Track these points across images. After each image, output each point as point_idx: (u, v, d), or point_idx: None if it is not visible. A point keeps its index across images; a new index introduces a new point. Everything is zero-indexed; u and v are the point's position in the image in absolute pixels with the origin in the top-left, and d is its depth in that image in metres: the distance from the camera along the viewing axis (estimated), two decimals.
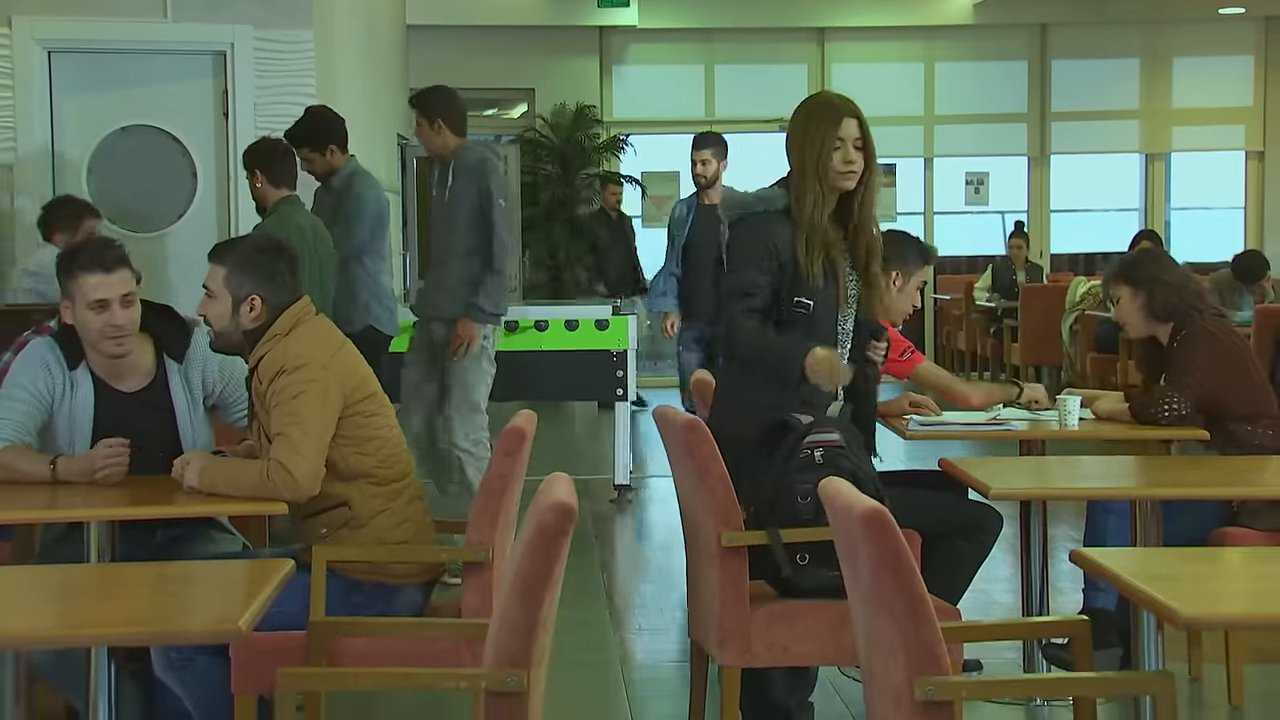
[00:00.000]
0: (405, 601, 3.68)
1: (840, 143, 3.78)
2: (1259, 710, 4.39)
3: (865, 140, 3.79)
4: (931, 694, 2.41)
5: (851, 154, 3.77)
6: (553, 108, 13.82)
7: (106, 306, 3.77)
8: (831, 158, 3.78)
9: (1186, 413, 4.51)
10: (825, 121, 3.80)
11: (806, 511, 3.62)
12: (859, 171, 3.79)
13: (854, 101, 3.86)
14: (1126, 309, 4.72)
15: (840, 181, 3.79)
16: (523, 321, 7.96)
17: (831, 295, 3.84)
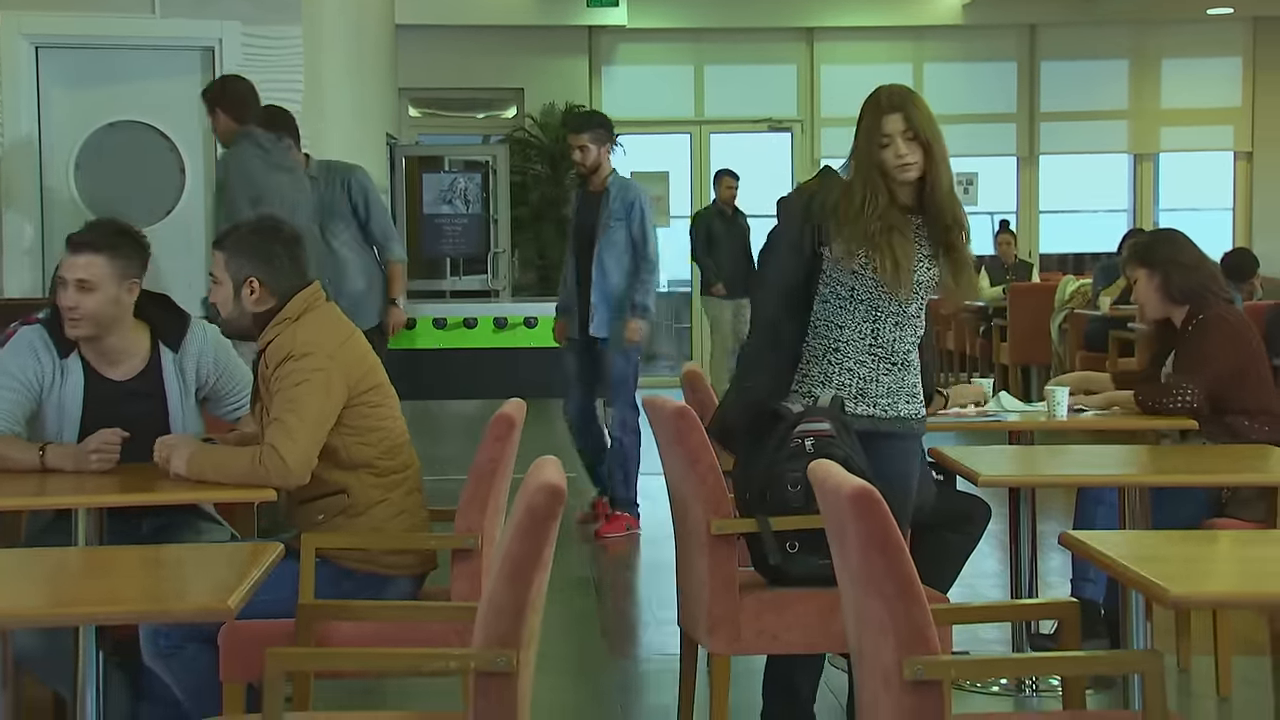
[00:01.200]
0: (397, 592, 3.68)
1: (887, 139, 3.76)
2: (1246, 700, 4.40)
3: (917, 130, 3.74)
4: (920, 673, 2.41)
5: (902, 148, 3.74)
6: (542, 107, 13.81)
7: (64, 285, 3.77)
8: (883, 155, 3.76)
9: (1198, 404, 4.48)
10: (870, 119, 3.78)
11: (797, 500, 3.62)
12: (914, 163, 3.75)
13: (908, 94, 3.79)
14: (1143, 290, 4.70)
15: (899, 175, 3.75)
16: (512, 319, 7.97)
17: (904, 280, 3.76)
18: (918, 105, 3.76)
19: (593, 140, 7.16)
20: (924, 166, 3.74)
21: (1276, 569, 2.69)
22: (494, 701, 2.56)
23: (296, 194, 6.00)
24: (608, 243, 6.90)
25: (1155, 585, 2.40)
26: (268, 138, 5.90)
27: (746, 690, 4.52)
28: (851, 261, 3.74)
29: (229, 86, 6.11)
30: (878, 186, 3.74)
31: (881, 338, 3.80)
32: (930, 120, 3.76)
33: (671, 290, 15.36)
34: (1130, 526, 3.95)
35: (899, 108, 3.73)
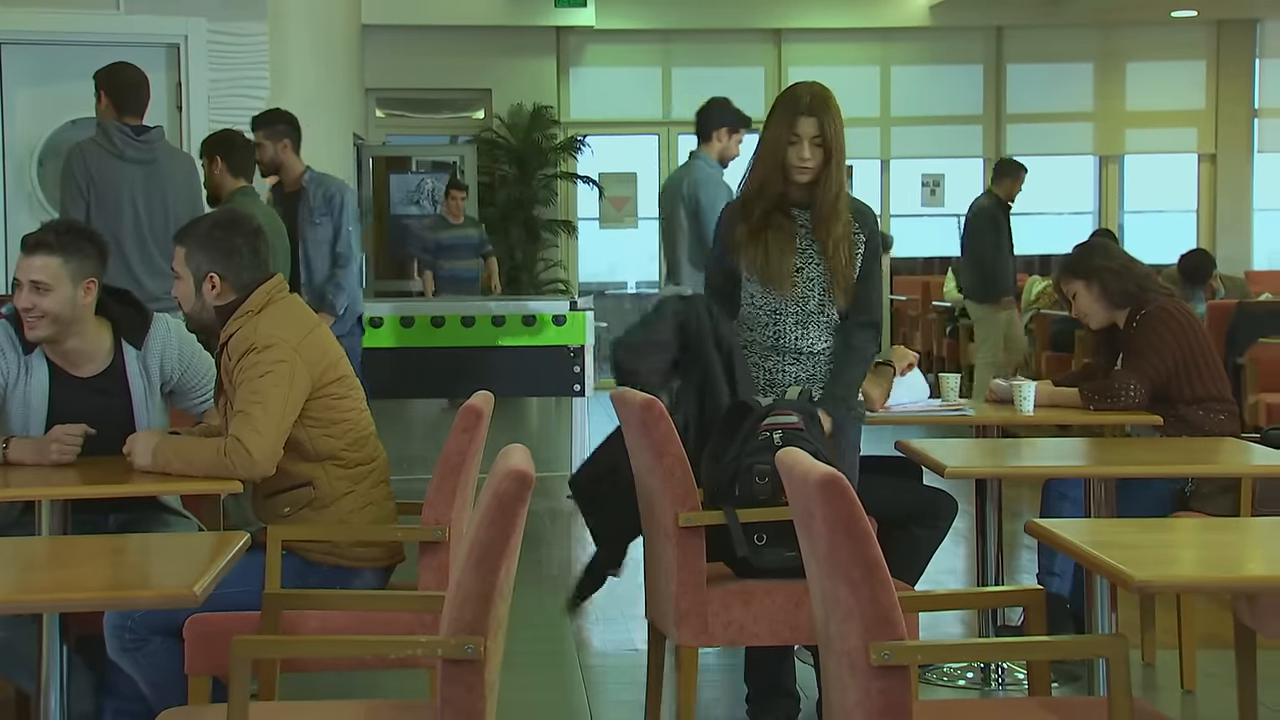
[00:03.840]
0: (363, 585, 3.66)
1: (796, 139, 3.84)
2: (1210, 694, 4.42)
3: (826, 139, 3.83)
4: (887, 658, 2.42)
5: (806, 152, 3.84)
6: (510, 108, 13.79)
7: (20, 286, 3.75)
8: (788, 151, 3.82)
9: (1142, 399, 4.54)
10: (786, 115, 3.89)
11: (764, 492, 3.63)
12: (812, 168, 3.87)
13: (827, 100, 3.90)
14: (1084, 302, 4.75)
15: (794, 175, 3.89)
16: (480, 318, 7.95)
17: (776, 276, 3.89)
18: (833, 113, 3.88)
19: (266, 137, 6.52)
20: (819, 171, 3.80)
21: (1241, 554, 2.71)
22: (461, 689, 2.55)
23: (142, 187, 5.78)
24: (314, 241, 6.57)
25: (1120, 570, 2.41)
26: (121, 129, 5.74)
27: (714, 683, 4.53)
28: (740, 257, 3.90)
29: (116, 73, 5.93)
30: (773, 181, 3.85)
31: (784, 337, 3.96)
32: (841, 130, 3.88)
33: (640, 291, 15.38)
34: (1095, 517, 3.97)
35: (816, 114, 3.85)
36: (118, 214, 5.63)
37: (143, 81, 5.80)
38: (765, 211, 3.90)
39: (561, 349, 7.95)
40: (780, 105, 3.92)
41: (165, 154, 5.85)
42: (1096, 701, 2.71)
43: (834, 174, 3.88)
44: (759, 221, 3.90)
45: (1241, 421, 4.82)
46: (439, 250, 11.36)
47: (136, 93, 5.77)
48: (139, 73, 5.82)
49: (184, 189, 5.82)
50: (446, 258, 11.35)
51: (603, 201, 14.22)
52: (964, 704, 3.05)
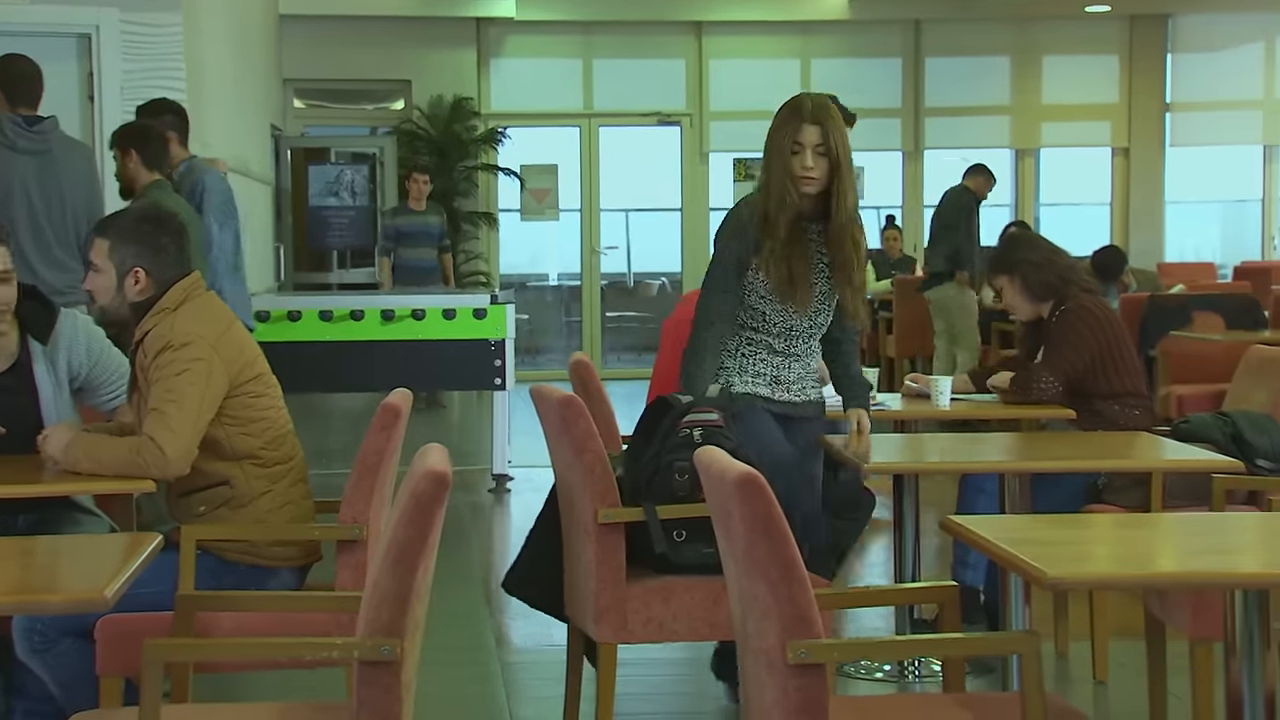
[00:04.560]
0: (280, 585, 3.63)
1: (799, 147, 3.82)
2: (1122, 684, 4.49)
3: (830, 147, 3.81)
4: (804, 656, 2.43)
5: (809, 160, 3.80)
6: (430, 99, 13.71)
7: None
8: (791, 161, 3.81)
9: (1056, 393, 4.60)
10: (788, 124, 3.86)
11: (683, 489, 3.64)
12: (817, 178, 3.83)
13: (830, 108, 3.87)
14: (1010, 296, 4.82)
15: (800, 185, 3.83)
16: (400, 311, 7.91)
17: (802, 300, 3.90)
18: (836, 122, 3.84)
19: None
20: (827, 183, 3.80)
21: (1151, 550, 2.75)
22: (378, 691, 2.54)
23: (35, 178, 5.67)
24: None
25: (1033, 567, 2.44)
26: (13, 120, 5.65)
27: (634, 677, 4.53)
28: (760, 272, 3.87)
29: (7, 64, 5.80)
30: (787, 194, 3.80)
31: (795, 346, 3.98)
32: (845, 139, 3.84)
33: (561, 283, 15.36)
34: (1010, 513, 4.02)
35: (819, 121, 3.81)
36: (9, 205, 5.54)
37: (35, 73, 5.72)
38: (789, 230, 3.83)
39: (482, 343, 7.92)
40: (782, 114, 3.88)
41: (61, 145, 5.76)
42: (1010, 697, 2.74)
43: (845, 186, 3.84)
44: (785, 240, 3.83)
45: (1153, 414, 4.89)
46: (398, 237, 10.98)
47: (29, 84, 5.69)
48: (31, 64, 5.74)
49: (83, 180, 5.74)
50: (406, 245, 10.95)
51: (524, 193, 14.18)
52: (880, 700, 3.08)
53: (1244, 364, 4.78)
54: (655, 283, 15.23)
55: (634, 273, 15.24)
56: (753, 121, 15.03)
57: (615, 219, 14.98)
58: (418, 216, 11.01)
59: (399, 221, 11.04)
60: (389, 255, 10.98)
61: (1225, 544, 2.75)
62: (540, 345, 15.14)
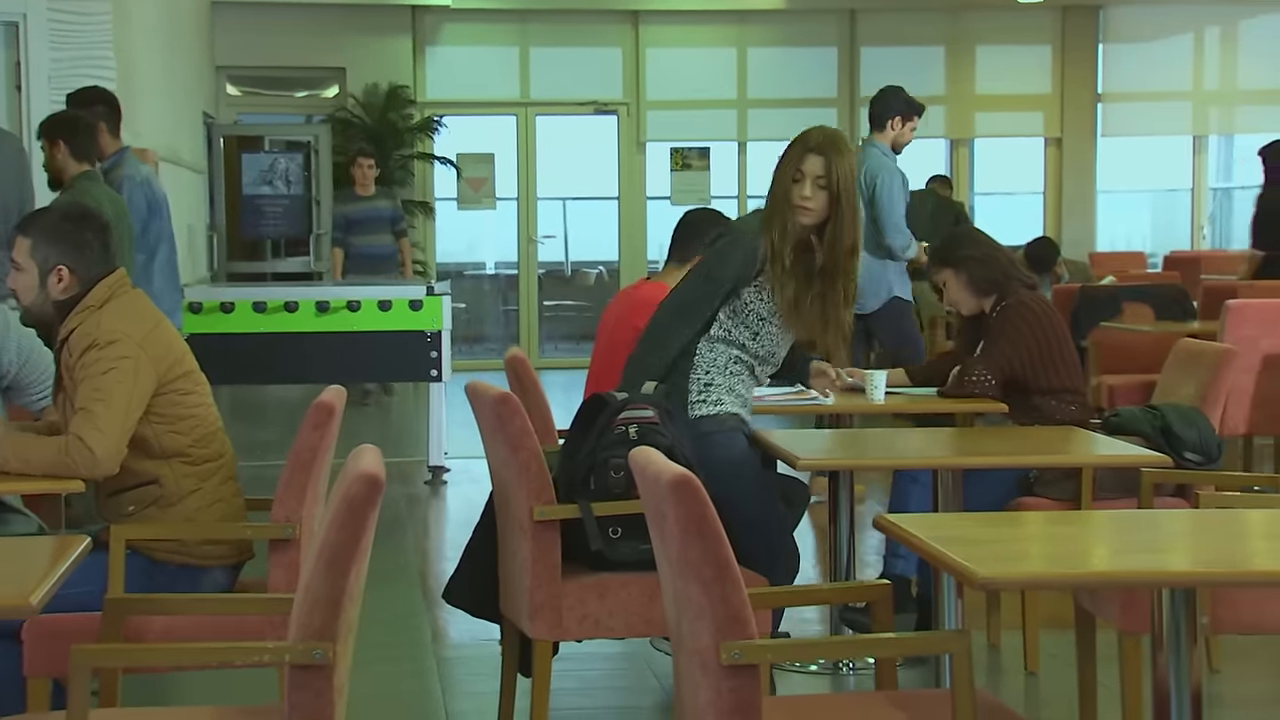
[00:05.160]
0: (212, 583, 3.61)
1: (800, 175, 3.82)
2: (1052, 675, 4.54)
3: (832, 181, 3.81)
4: (738, 657, 2.44)
5: (807, 190, 3.81)
6: (365, 87, 13.61)
7: None
8: (791, 190, 3.83)
9: (991, 387, 4.63)
10: (794, 153, 3.87)
11: (619, 486, 3.64)
12: (814, 209, 3.83)
13: (840, 143, 3.87)
14: (954, 290, 4.85)
15: (796, 216, 3.83)
16: (335, 302, 7.85)
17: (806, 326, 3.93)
18: (843, 156, 3.83)
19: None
20: (825, 215, 3.81)
21: (1082, 549, 2.78)
22: (310, 695, 2.52)
23: None
24: None
25: (964, 568, 2.46)
26: None
27: (569, 671, 4.53)
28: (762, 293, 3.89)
29: None
30: (788, 222, 3.83)
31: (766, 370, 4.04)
32: (851, 176, 3.83)
33: (498, 272, 15.31)
34: (943, 506, 4.05)
35: (823, 153, 3.82)
36: None
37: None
38: (795, 258, 3.85)
39: (418, 334, 7.89)
40: (792, 143, 3.91)
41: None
42: (941, 694, 2.76)
43: (845, 224, 3.83)
44: (792, 269, 3.84)
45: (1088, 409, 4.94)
46: (348, 226, 10.70)
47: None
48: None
49: (12, 172, 5.65)
50: (357, 233, 10.65)
51: (461, 182, 14.12)
52: (813, 700, 3.10)
53: (1173, 357, 4.84)
54: (593, 271, 15.22)
55: (571, 261, 15.22)
56: (690, 111, 15.06)
57: (552, 207, 14.95)
58: (366, 202, 10.76)
59: (348, 209, 10.79)
60: (341, 245, 10.70)
61: (1155, 542, 2.79)
62: (477, 334, 15.09)
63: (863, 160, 6.79)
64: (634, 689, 4.65)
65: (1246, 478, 5.75)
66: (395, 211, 10.86)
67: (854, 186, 3.86)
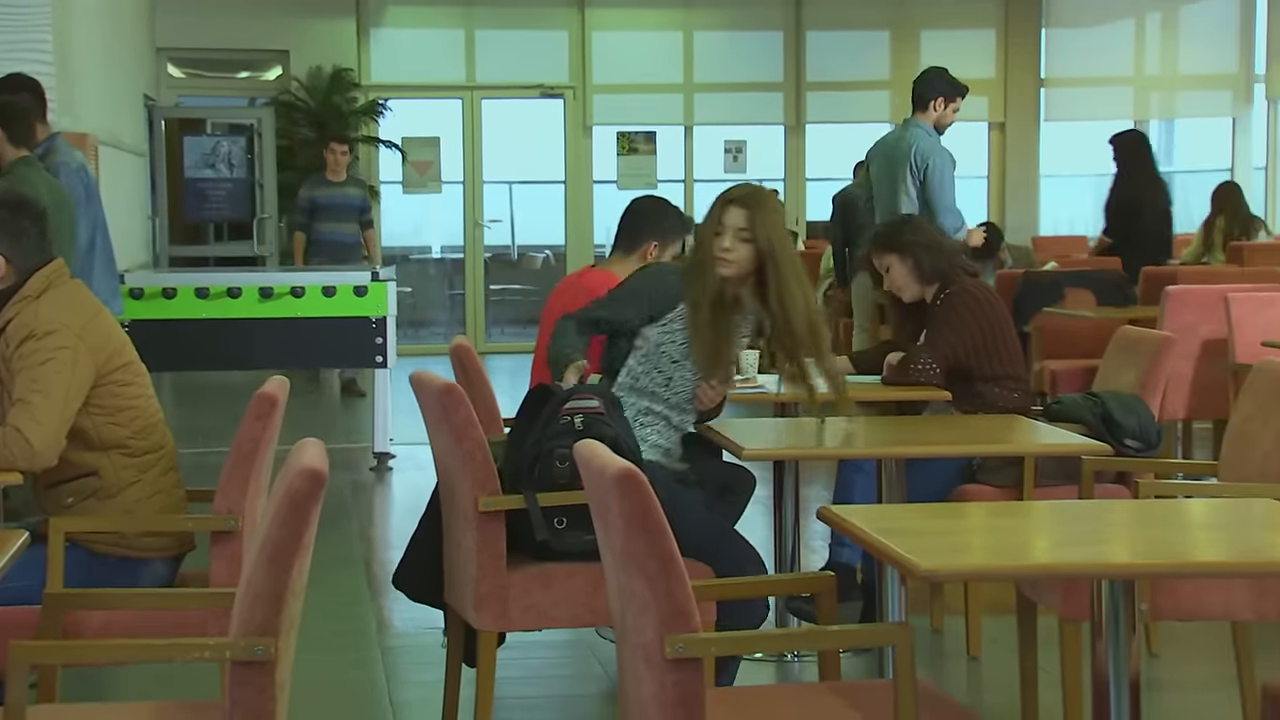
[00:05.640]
0: (153, 575, 3.58)
1: (721, 229, 3.82)
2: (994, 660, 4.59)
3: (755, 233, 3.79)
4: (682, 650, 2.44)
5: (727, 242, 3.80)
6: (308, 70, 13.50)
7: None
8: (712, 242, 3.83)
9: (937, 374, 4.66)
10: (714, 207, 3.88)
11: (564, 476, 3.63)
12: (734, 261, 3.82)
13: (764, 198, 3.86)
14: (899, 276, 4.86)
15: (716, 268, 3.82)
16: (279, 288, 7.80)
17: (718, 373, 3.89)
18: (767, 210, 3.82)
19: None
20: (750, 270, 3.79)
21: (1023, 541, 2.80)
22: (251, 690, 2.51)
23: None
24: None
25: (906, 560, 2.47)
26: None
27: (515, 660, 4.53)
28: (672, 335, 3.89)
29: None
30: (706, 274, 3.83)
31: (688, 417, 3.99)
32: (776, 229, 3.81)
33: (444, 256, 15.26)
34: (886, 495, 4.08)
35: (746, 205, 3.81)
36: None
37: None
38: (712, 308, 3.83)
39: (363, 320, 7.84)
40: (717, 197, 3.92)
41: None
42: (883, 685, 2.78)
43: (782, 281, 3.78)
44: (710, 320, 3.83)
45: (1031, 396, 4.98)
46: (314, 211, 10.35)
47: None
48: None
49: None
50: (323, 219, 10.31)
51: (406, 166, 14.05)
52: (756, 692, 3.12)
53: (1114, 344, 4.88)
54: (539, 256, 15.19)
55: (518, 245, 15.18)
56: (636, 95, 15.04)
57: (498, 191, 14.90)
58: (336, 189, 10.37)
59: (316, 194, 10.41)
60: (305, 230, 10.38)
61: (1095, 533, 2.81)
62: (423, 318, 15.03)
63: (912, 140, 6.95)
64: (579, 677, 4.66)
65: (1185, 465, 5.83)
66: (364, 200, 10.60)
67: (785, 244, 3.84)
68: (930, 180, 6.83)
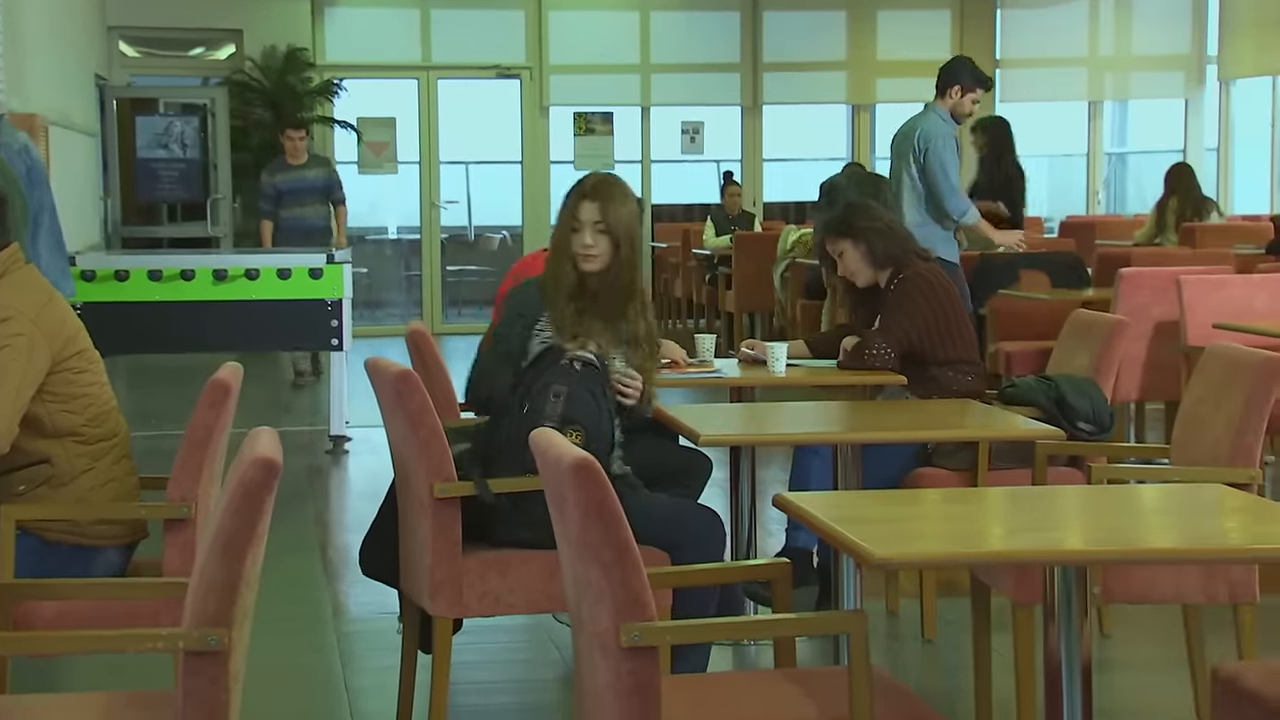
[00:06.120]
0: (105, 564, 3.55)
1: (579, 225, 3.81)
2: (948, 641, 4.62)
3: (610, 225, 3.80)
4: (637, 639, 2.45)
5: (588, 238, 3.80)
6: (262, 50, 13.39)
7: None
8: (571, 239, 3.82)
9: (892, 358, 4.67)
10: (570, 202, 3.87)
11: (553, 411, 3.65)
12: (598, 255, 3.82)
13: (613, 186, 3.86)
14: (852, 261, 4.87)
15: (580, 263, 3.83)
16: (233, 270, 7.74)
17: None
18: (618, 200, 3.83)
19: None
20: (611, 259, 3.81)
21: (977, 528, 2.82)
22: (205, 681, 2.50)
23: None
24: None
25: (861, 548, 2.48)
26: None
27: (471, 644, 4.53)
28: None
29: None
30: (565, 273, 3.82)
31: None
32: (628, 219, 3.84)
33: (400, 237, 15.19)
34: (842, 479, 4.09)
35: (597, 198, 3.81)
36: None
37: None
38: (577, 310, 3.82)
39: (319, 302, 7.80)
40: (569, 191, 3.90)
41: None
42: (838, 672, 2.79)
43: (622, 266, 3.82)
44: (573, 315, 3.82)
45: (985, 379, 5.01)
46: (278, 197, 10.16)
47: None
48: None
49: None
50: (287, 205, 10.12)
51: (361, 146, 13.97)
52: (711, 679, 3.12)
53: (1068, 327, 4.91)
54: (496, 236, 15.15)
55: (475, 226, 15.13)
56: (593, 75, 14.99)
57: (455, 172, 14.84)
58: (296, 172, 10.17)
59: (277, 179, 10.22)
60: (270, 217, 10.18)
61: (1048, 519, 2.83)
62: (379, 299, 14.97)
63: (921, 124, 7.02)
64: (535, 661, 4.66)
65: (1137, 449, 5.89)
66: (329, 179, 10.35)
67: (634, 230, 3.86)
68: (928, 164, 6.93)
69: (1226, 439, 3.76)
